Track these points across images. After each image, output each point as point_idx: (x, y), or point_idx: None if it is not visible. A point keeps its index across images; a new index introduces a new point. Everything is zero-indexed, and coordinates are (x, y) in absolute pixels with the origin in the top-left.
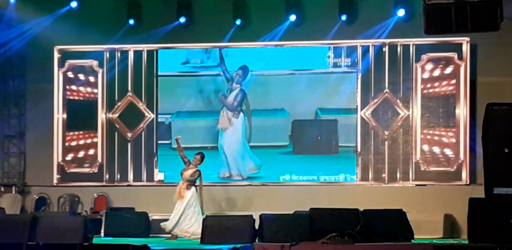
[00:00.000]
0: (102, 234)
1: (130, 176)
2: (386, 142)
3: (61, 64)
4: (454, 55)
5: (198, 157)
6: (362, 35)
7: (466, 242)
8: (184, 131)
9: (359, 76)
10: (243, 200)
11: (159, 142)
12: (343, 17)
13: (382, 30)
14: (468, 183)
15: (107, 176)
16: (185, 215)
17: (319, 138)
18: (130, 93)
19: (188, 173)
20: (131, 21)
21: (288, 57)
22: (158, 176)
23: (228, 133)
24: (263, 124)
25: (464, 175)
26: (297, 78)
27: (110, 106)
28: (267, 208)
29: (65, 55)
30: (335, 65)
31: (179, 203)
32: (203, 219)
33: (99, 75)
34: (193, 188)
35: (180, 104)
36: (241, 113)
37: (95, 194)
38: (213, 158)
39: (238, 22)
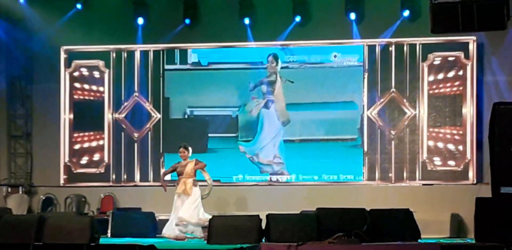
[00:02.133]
0: (109, 235)
1: (137, 176)
2: (393, 142)
3: (68, 64)
4: (461, 54)
5: (182, 149)
6: (369, 34)
7: (473, 241)
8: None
9: (366, 76)
10: (250, 200)
11: (225, 135)
12: (351, 16)
13: (389, 30)
14: (475, 182)
15: (114, 176)
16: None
17: None
18: (136, 94)
19: (189, 167)
20: (140, 21)
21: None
22: (165, 176)
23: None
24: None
25: (471, 174)
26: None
27: (116, 106)
28: (274, 208)
29: (72, 56)
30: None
31: (181, 199)
32: (210, 219)
33: (106, 76)
34: (198, 186)
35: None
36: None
37: (101, 194)
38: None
39: (246, 21)
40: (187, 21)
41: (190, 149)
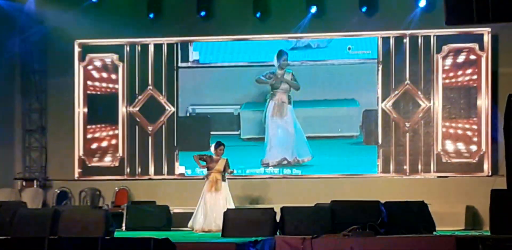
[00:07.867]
0: (124, 228)
1: (151, 169)
2: (407, 134)
3: (82, 58)
4: (475, 46)
5: (222, 147)
6: (383, 26)
7: (488, 233)
8: (252, 121)
9: (380, 68)
10: (264, 193)
11: (227, 132)
12: (364, 9)
13: (403, 21)
14: (490, 174)
15: (128, 170)
16: (217, 208)
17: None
18: (150, 87)
19: (221, 165)
20: (152, 15)
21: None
22: (179, 169)
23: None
24: (334, 114)
25: (486, 166)
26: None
27: (130, 100)
28: (288, 201)
29: (86, 49)
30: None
31: (210, 196)
32: (224, 212)
33: (120, 69)
34: (226, 180)
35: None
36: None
37: (116, 188)
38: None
39: (258, 14)
40: (201, 14)
41: (224, 147)
